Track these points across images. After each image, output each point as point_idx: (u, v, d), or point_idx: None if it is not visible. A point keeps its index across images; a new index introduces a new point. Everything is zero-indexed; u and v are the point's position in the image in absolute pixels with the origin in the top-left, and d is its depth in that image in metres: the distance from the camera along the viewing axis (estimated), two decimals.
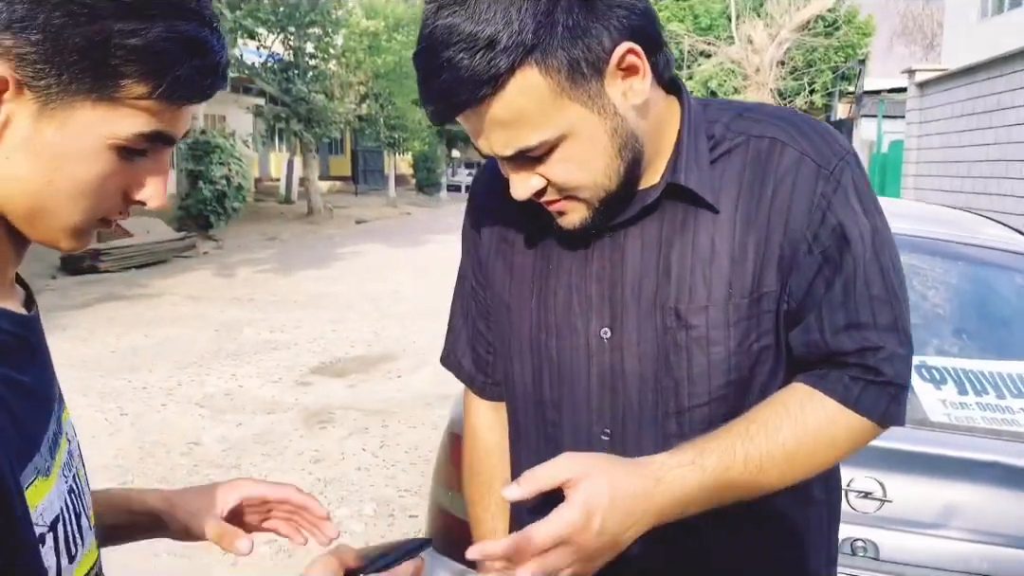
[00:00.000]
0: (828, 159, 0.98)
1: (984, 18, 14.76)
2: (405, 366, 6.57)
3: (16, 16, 0.65)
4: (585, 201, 0.97)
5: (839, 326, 0.97)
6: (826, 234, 0.97)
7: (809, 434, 0.96)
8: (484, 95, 0.87)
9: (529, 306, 1.08)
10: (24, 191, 0.69)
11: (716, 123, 1.02)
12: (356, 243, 15.19)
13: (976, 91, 10.55)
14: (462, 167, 36.39)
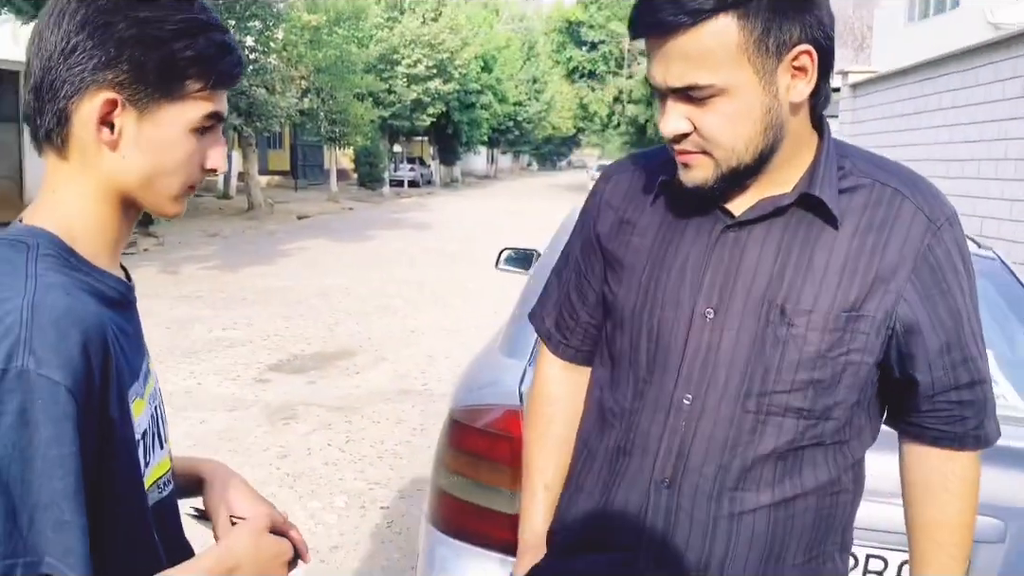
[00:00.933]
0: (937, 217, 1.15)
1: (911, 22, 15.38)
2: (363, 362, 6.64)
3: (111, 56, 0.90)
4: (716, 161, 1.09)
5: (957, 360, 1.16)
6: (932, 283, 1.14)
7: (973, 501, 1.24)
8: (685, 24, 1.01)
9: (640, 279, 1.22)
10: (140, 176, 0.94)
11: (846, 158, 1.17)
12: (300, 239, 15.08)
13: (906, 93, 11.03)
14: (404, 162, 36.24)
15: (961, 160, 9.42)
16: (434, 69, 29.03)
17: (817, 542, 1.24)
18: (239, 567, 1.00)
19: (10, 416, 0.78)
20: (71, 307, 0.85)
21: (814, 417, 1.16)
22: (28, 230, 0.93)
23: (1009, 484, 1.78)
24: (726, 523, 1.19)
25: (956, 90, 9.63)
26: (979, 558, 1.77)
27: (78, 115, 0.91)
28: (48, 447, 0.80)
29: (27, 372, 0.79)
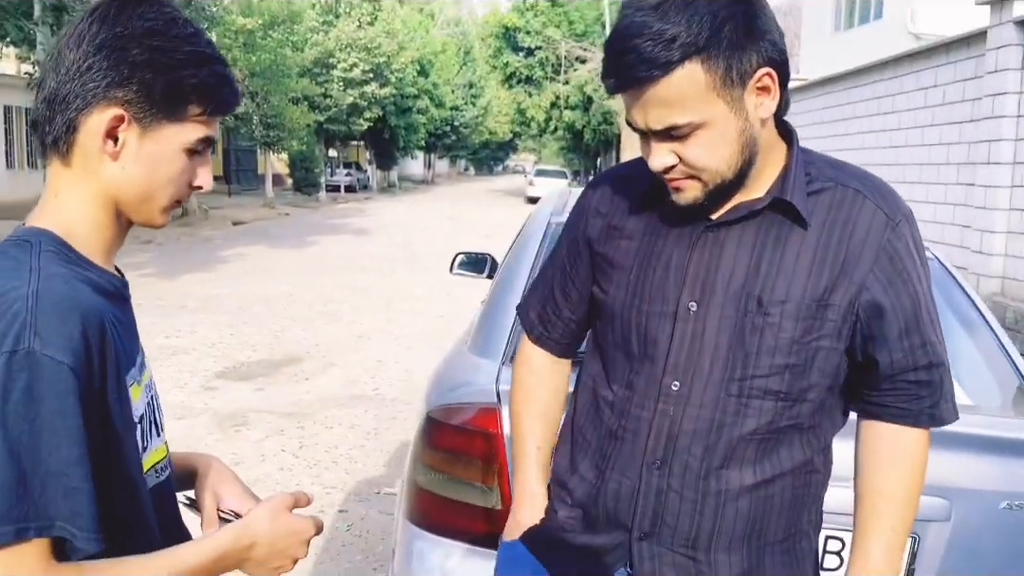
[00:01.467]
0: (895, 214, 1.27)
1: (838, 31, 15.93)
2: (311, 368, 6.61)
3: (123, 77, 1.01)
4: (703, 183, 1.21)
5: (916, 343, 1.27)
6: (891, 273, 1.25)
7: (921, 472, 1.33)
8: (657, 76, 1.13)
9: (628, 278, 1.33)
10: (135, 187, 1.04)
11: (812, 164, 1.30)
12: (237, 245, 14.85)
13: (834, 100, 11.43)
14: (340, 167, 35.92)
15: (887, 165, 9.82)
16: (370, 73, 28.87)
17: (794, 520, 1.35)
18: (256, 544, 1.07)
19: (18, 392, 0.87)
20: (70, 294, 0.94)
21: (791, 399, 1.27)
22: (31, 230, 1.02)
23: (954, 466, 1.91)
24: (713, 501, 1.30)
25: (881, 97, 10.04)
26: (927, 536, 1.90)
27: (86, 126, 1.01)
28: (54, 419, 0.88)
29: (33, 352, 0.88)
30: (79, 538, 0.90)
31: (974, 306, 2.43)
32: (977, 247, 7.74)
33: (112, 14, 1.02)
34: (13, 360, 0.87)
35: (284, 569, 1.13)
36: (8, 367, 0.87)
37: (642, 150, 1.25)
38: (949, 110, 8.56)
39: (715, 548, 1.32)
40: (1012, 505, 1.89)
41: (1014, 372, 2.25)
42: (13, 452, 0.86)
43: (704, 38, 1.11)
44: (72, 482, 0.89)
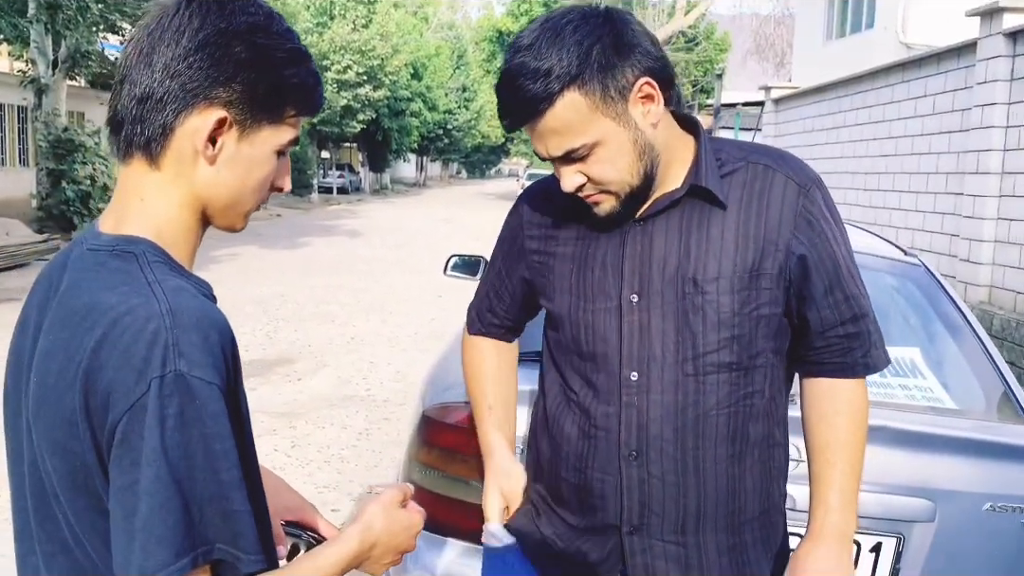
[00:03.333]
0: (805, 182, 1.35)
1: (829, 40, 16.03)
2: (303, 368, 6.63)
3: (227, 76, 0.95)
4: (615, 194, 1.30)
5: (840, 299, 1.35)
6: (811, 235, 1.33)
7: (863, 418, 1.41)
8: (543, 109, 1.23)
9: (569, 281, 1.41)
10: (227, 191, 0.99)
11: (721, 150, 1.37)
12: (230, 245, 14.83)
13: (825, 108, 11.52)
14: (333, 168, 35.89)
15: (878, 173, 9.90)
16: (364, 75, 28.89)
17: (767, 494, 1.42)
18: (378, 542, 1.06)
19: (172, 419, 0.82)
20: (204, 309, 0.89)
21: (743, 368, 1.34)
22: (127, 240, 0.94)
23: (939, 468, 1.96)
24: (694, 480, 1.35)
25: (872, 107, 10.12)
26: (912, 536, 1.94)
27: (183, 128, 0.94)
28: (211, 443, 0.85)
29: (182, 375, 0.83)
30: (244, 561, 0.87)
31: (960, 313, 2.48)
32: (965, 256, 7.82)
33: (214, 7, 0.95)
34: (164, 385, 0.82)
35: (395, 563, 1.13)
36: (160, 393, 0.82)
37: (556, 174, 1.34)
38: (939, 120, 8.64)
39: (702, 530, 1.37)
40: (995, 507, 1.93)
41: (999, 378, 2.30)
42: (176, 481, 0.82)
43: (575, 66, 1.20)
44: (233, 505, 0.86)
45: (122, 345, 0.84)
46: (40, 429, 0.91)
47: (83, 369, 0.85)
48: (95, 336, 0.86)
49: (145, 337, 0.84)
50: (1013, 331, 6.92)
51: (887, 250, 2.76)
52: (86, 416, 0.85)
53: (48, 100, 14.30)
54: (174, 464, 0.82)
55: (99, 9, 14.15)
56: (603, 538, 1.42)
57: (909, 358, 2.31)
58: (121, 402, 0.83)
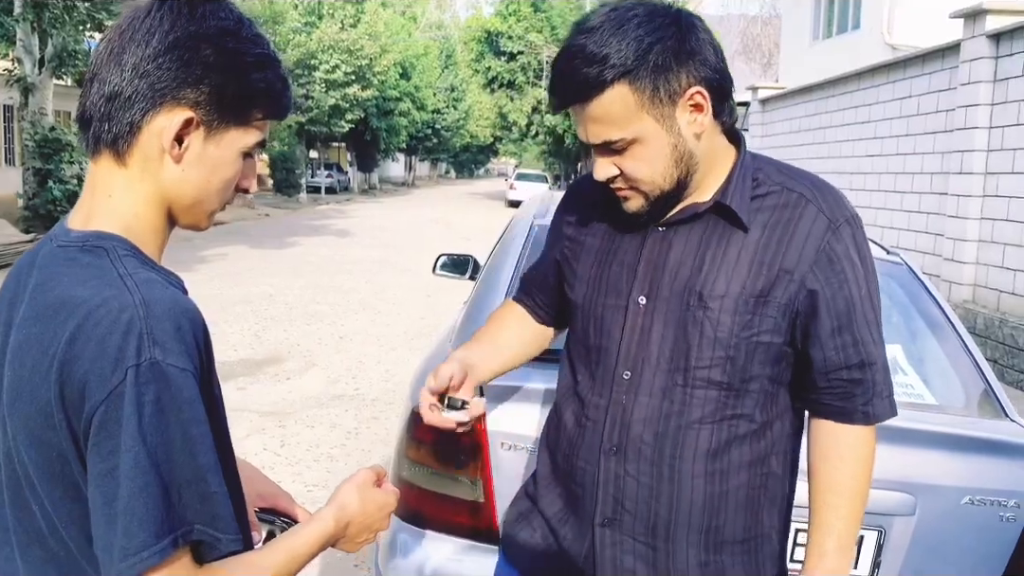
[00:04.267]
0: (837, 217, 1.33)
1: (816, 41, 16.12)
2: (292, 368, 6.63)
3: (195, 78, 0.97)
4: (644, 194, 1.32)
5: (848, 342, 1.33)
6: (829, 273, 1.31)
7: (868, 465, 1.39)
8: (591, 96, 1.24)
9: (590, 273, 1.45)
10: (192, 190, 1.01)
11: (760, 170, 1.37)
12: (218, 245, 14.80)
13: (812, 109, 11.59)
14: (321, 168, 35.81)
15: (864, 173, 9.98)
16: (353, 75, 28.81)
17: (754, 522, 1.41)
18: (352, 521, 1.10)
19: (149, 405, 0.85)
20: (175, 298, 0.92)
21: (733, 390, 1.34)
22: (97, 235, 0.96)
23: (920, 463, 1.99)
24: (667, 487, 1.36)
25: (858, 107, 10.19)
26: (893, 529, 1.98)
27: (150, 127, 0.96)
28: (187, 428, 0.88)
29: (157, 363, 0.86)
30: (222, 541, 0.90)
31: (942, 312, 2.52)
32: (949, 255, 7.89)
33: (185, 11, 0.97)
34: (139, 373, 0.85)
35: (369, 542, 1.16)
36: (136, 381, 0.85)
37: (590, 161, 1.36)
38: (923, 120, 8.72)
39: (674, 538, 1.38)
40: (973, 500, 1.97)
41: (979, 375, 2.34)
42: (155, 465, 0.85)
43: (631, 61, 1.21)
44: (210, 487, 0.89)
45: (97, 336, 0.86)
46: (16, 421, 0.93)
47: (58, 361, 0.87)
48: (69, 328, 0.87)
49: (119, 327, 0.86)
50: (996, 329, 7.00)
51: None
52: (62, 406, 0.87)
53: (35, 99, 14.21)
54: (152, 449, 0.85)
55: (86, 8, 14.08)
56: (581, 528, 1.44)
57: (891, 355, 2.34)
58: (98, 391, 0.85)
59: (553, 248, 1.58)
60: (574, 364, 1.48)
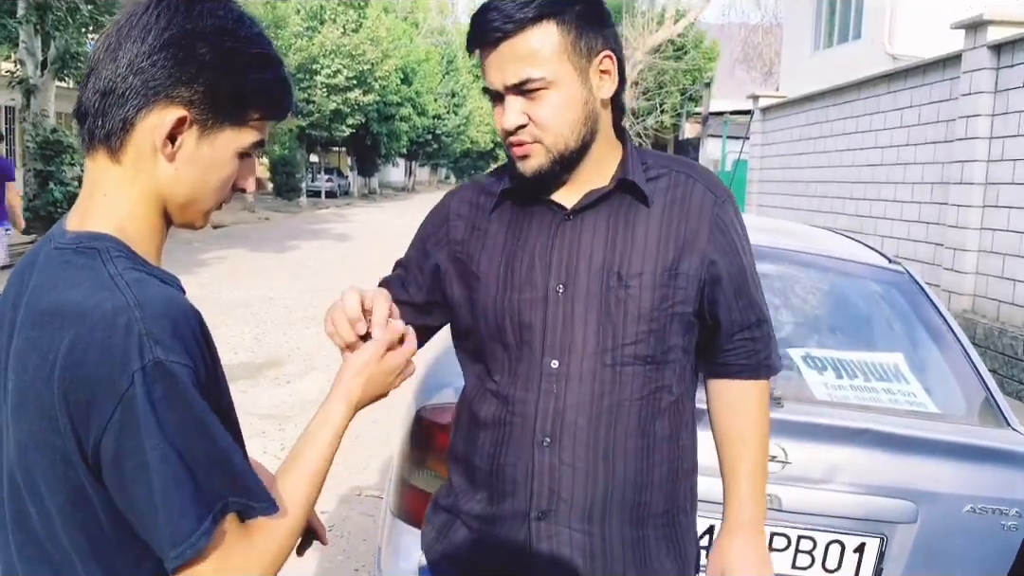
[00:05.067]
0: (720, 194, 1.44)
1: (817, 50, 16.16)
2: (292, 371, 6.63)
3: (190, 76, 0.96)
4: (547, 148, 1.33)
5: (745, 304, 1.45)
6: (724, 243, 1.41)
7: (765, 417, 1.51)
8: (517, 29, 1.27)
9: (498, 272, 1.43)
10: (186, 189, 1.01)
11: (646, 156, 1.46)
12: (218, 248, 14.82)
13: (813, 117, 11.62)
14: (322, 172, 35.84)
15: (864, 182, 9.99)
16: (354, 80, 28.86)
17: (672, 495, 1.45)
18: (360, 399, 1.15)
19: (160, 402, 0.87)
20: (168, 296, 0.93)
21: (656, 362, 1.39)
22: (90, 236, 0.97)
23: (921, 471, 2.00)
24: (603, 467, 1.39)
25: (859, 116, 10.22)
26: (895, 537, 1.99)
27: (143, 124, 0.96)
28: (200, 418, 0.90)
29: (161, 362, 0.87)
30: (258, 508, 0.93)
31: (944, 320, 2.53)
32: (950, 265, 7.91)
33: (183, 8, 0.97)
34: (145, 374, 0.86)
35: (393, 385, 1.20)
36: (144, 383, 0.86)
37: (496, 116, 1.37)
38: (924, 130, 8.75)
39: (609, 520, 1.40)
40: (975, 509, 1.98)
41: (980, 384, 2.35)
42: (179, 455, 0.87)
43: (560, 4, 1.28)
44: (235, 467, 0.92)
45: (96, 341, 0.87)
46: (21, 425, 0.93)
47: (59, 367, 0.88)
48: (67, 335, 0.88)
49: (119, 331, 0.87)
50: (996, 339, 7.01)
51: (872, 258, 2.81)
52: (67, 411, 0.88)
53: (36, 101, 14.23)
54: (173, 441, 0.87)
55: (89, 11, 14.09)
56: (514, 525, 1.43)
57: (893, 363, 2.36)
58: (108, 398, 0.86)
59: (434, 252, 1.51)
60: (487, 364, 1.46)
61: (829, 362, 2.31)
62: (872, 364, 2.34)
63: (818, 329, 2.57)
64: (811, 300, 2.61)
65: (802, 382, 2.23)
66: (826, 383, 2.23)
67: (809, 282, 2.64)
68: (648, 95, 24.35)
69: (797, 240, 2.89)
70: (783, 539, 2.00)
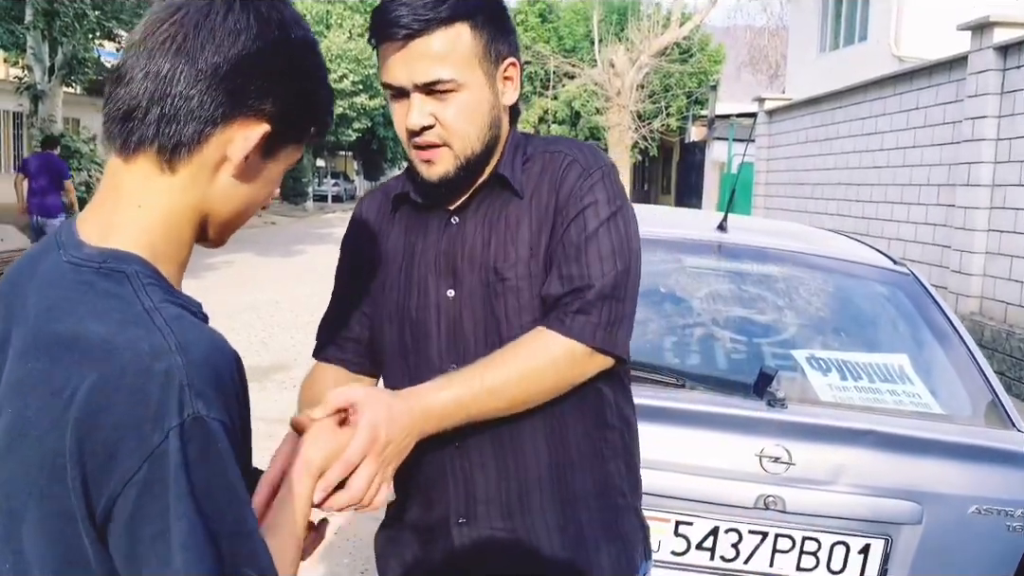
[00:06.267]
0: (590, 165, 1.35)
1: (823, 52, 16.14)
2: (300, 375, 6.57)
3: (277, 89, 0.90)
4: (454, 152, 1.30)
5: (563, 274, 1.30)
6: (576, 209, 1.32)
7: (536, 361, 1.26)
8: (432, 27, 1.24)
9: (398, 279, 1.41)
10: (237, 205, 0.94)
11: (529, 143, 1.41)
12: (224, 252, 14.83)
13: (819, 120, 11.61)
14: (328, 177, 35.95)
15: (870, 184, 9.98)
16: (360, 84, 28.96)
17: (603, 474, 1.40)
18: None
19: (197, 465, 0.77)
20: (212, 340, 0.83)
21: None
22: (115, 256, 0.85)
23: (927, 472, 2.00)
24: (512, 458, 1.35)
25: (865, 118, 10.21)
26: (900, 538, 1.99)
27: (221, 136, 0.88)
28: (229, 479, 0.80)
29: (201, 418, 0.78)
30: None
31: (949, 322, 2.53)
32: (957, 267, 7.89)
33: (275, 16, 0.90)
34: (184, 430, 0.76)
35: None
36: (181, 439, 0.76)
37: (396, 116, 1.31)
38: (931, 132, 8.73)
39: (528, 510, 1.36)
40: (980, 510, 1.98)
41: (986, 385, 2.35)
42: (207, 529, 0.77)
43: (473, 7, 1.27)
44: (256, 543, 0.83)
45: (127, 386, 0.77)
46: (13, 467, 0.83)
47: (76, 409, 0.78)
48: (90, 374, 0.78)
49: (157, 378, 0.77)
50: (1004, 342, 6.99)
51: (877, 259, 2.81)
52: (79, 461, 0.78)
53: (44, 107, 14.32)
54: (203, 510, 0.78)
55: (96, 16, 14.19)
56: (440, 532, 1.40)
57: (898, 364, 2.36)
58: (135, 451, 0.76)
59: (350, 285, 1.48)
60: (393, 374, 1.42)
61: (833, 363, 2.32)
62: (877, 365, 2.33)
63: (822, 331, 2.58)
64: (815, 302, 2.61)
65: (806, 383, 2.23)
66: (831, 384, 2.23)
67: (813, 284, 2.64)
68: (654, 98, 24.32)
69: (801, 242, 2.89)
70: (788, 540, 2.00)
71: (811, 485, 1.98)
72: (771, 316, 2.57)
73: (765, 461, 1.98)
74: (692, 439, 2.04)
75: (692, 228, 2.94)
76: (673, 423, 2.03)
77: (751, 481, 1.98)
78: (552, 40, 28.54)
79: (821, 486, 1.99)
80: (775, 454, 1.98)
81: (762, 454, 1.97)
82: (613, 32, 23.50)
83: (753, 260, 2.69)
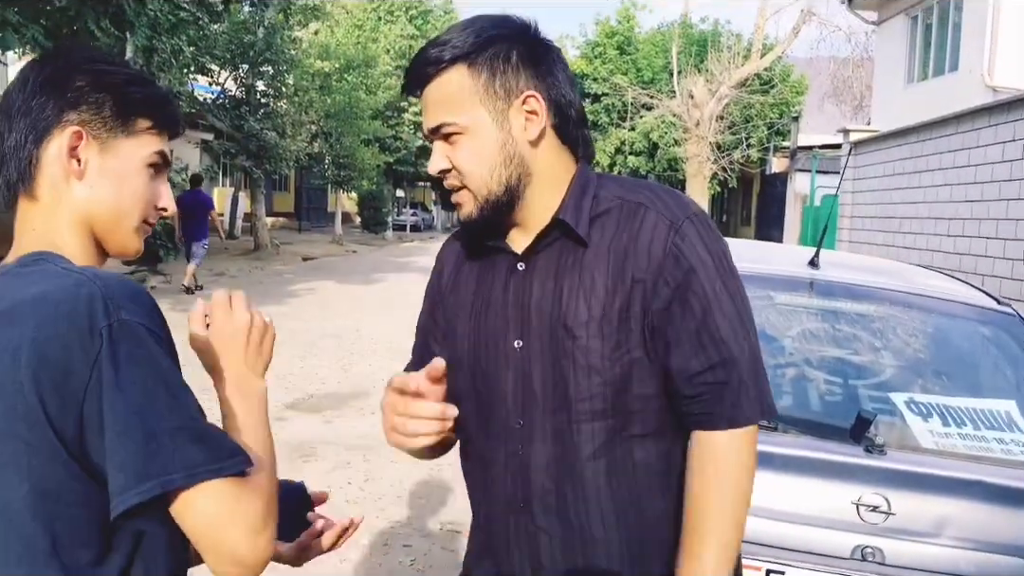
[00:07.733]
0: (678, 217, 1.28)
1: (911, 84, 15.72)
2: (377, 402, 6.67)
3: (74, 101, 1.06)
4: (472, 194, 1.29)
5: (707, 341, 1.24)
6: (677, 272, 1.25)
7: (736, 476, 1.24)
8: (430, 75, 1.27)
9: (468, 327, 1.37)
10: (106, 206, 1.07)
11: (602, 188, 1.33)
12: (307, 280, 15.21)
13: (907, 152, 11.27)
14: (407, 207, 36.57)
15: (962, 219, 9.62)
16: None
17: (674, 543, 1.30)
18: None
19: (125, 360, 0.91)
20: (123, 277, 0.98)
21: (619, 415, 1.27)
22: (33, 255, 1.03)
23: None
24: (578, 534, 1.29)
25: (956, 151, 9.87)
26: None
27: (47, 154, 1.05)
28: (168, 376, 0.94)
29: (125, 322, 0.92)
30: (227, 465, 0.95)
31: None
32: None
33: (54, 55, 1.11)
34: (112, 332, 0.91)
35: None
36: (110, 340, 0.90)
37: None
38: None
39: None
40: None
41: None
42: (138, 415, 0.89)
43: (469, 46, 1.26)
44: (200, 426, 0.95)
45: (63, 314, 0.91)
46: None
47: (25, 351, 0.91)
48: (30, 322, 0.92)
49: (83, 300, 0.92)
50: None
51: (979, 298, 2.69)
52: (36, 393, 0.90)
53: None
54: (134, 401, 0.90)
55: (191, 52, 14.81)
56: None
57: (1005, 411, 2.24)
58: (83, 360, 0.90)
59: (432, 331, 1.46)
60: (467, 424, 1.37)
61: (935, 408, 2.21)
62: (982, 411, 2.22)
63: (922, 373, 2.47)
64: (914, 343, 2.51)
65: (906, 429, 2.14)
66: (932, 430, 2.13)
67: (911, 324, 2.54)
68: (733, 129, 24.06)
69: (897, 279, 2.79)
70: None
71: (912, 537, 1.89)
72: (867, 357, 2.48)
73: (863, 510, 1.89)
74: (785, 484, 1.97)
75: (782, 263, 2.86)
76: (765, 467, 1.95)
77: (847, 530, 1.90)
78: (631, 72, 28.55)
79: (923, 538, 1.89)
80: (873, 503, 1.90)
81: (859, 502, 1.89)
82: (692, 63, 23.35)
83: (847, 298, 2.60)
